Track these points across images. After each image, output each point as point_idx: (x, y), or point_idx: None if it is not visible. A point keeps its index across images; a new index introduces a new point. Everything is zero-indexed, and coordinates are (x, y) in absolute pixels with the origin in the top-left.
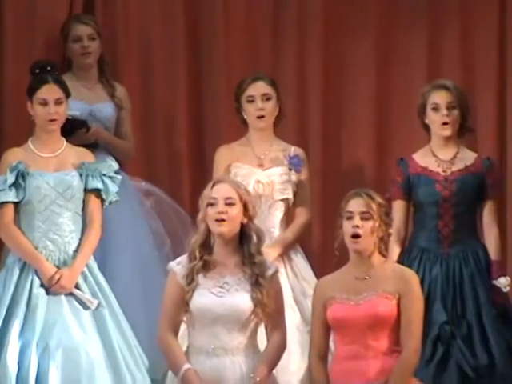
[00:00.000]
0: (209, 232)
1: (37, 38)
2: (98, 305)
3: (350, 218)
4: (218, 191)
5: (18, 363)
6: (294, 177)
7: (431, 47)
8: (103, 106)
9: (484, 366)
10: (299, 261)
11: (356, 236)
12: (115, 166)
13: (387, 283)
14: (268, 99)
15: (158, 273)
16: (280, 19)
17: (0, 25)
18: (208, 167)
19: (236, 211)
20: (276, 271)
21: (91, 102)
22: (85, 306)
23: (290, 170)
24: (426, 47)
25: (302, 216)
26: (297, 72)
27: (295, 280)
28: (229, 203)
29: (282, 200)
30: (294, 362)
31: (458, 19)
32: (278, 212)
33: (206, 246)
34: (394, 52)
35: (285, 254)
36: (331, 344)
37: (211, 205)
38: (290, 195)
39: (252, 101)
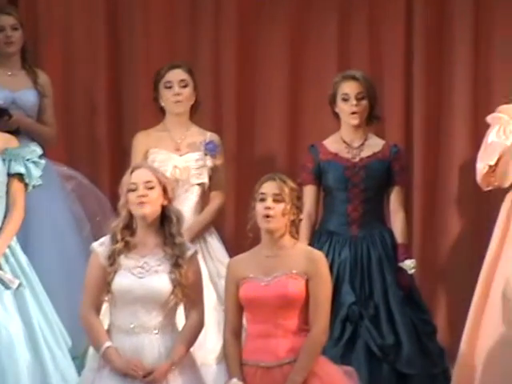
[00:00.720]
0: (131, 216)
1: None
2: (19, 285)
3: (262, 200)
4: (137, 176)
5: None
6: (209, 162)
7: (341, 39)
8: (26, 93)
9: (390, 345)
10: (214, 243)
11: (268, 216)
12: (39, 151)
13: (297, 264)
14: (185, 86)
15: (79, 254)
16: (197, 8)
17: None
18: (127, 153)
19: (156, 194)
20: (195, 252)
21: (14, 89)
22: (6, 286)
23: (206, 155)
24: (336, 39)
25: (216, 199)
26: (212, 60)
27: (210, 261)
28: (149, 187)
29: (198, 184)
30: (211, 340)
31: (366, 14)
32: (194, 195)
33: (129, 228)
34: (306, 43)
35: (200, 236)
36: (244, 322)
37: (132, 190)
38: (205, 180)
39: (170, 87)
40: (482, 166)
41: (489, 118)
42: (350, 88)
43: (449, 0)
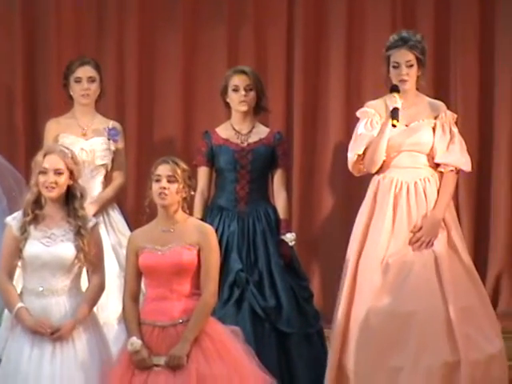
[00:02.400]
0: (40, 193)
1: None
2: None
3: (158, 181)
4: (49, 162)
5: None
6: (112, 146)
7: (230, 41)
8: None
9: (272, 307)
10: (116, 216)
11: (163, 194)
12: None
13: (189, 236)
14: (93, 81)
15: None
16: (103, 11)
17: None
18: (41, 138)
19: (63, 179)
20: (96, 224)
21: None
22: None
23: (109, 139)
24: (225, 40)
25: (118, 179)
26: (117, 57)
27: (112, 233)
28: (58, 173)
29: (102, 165)
30: (113, 303)
31: (252, 18)
32: (99, 175)
33: (38, 203)
34: (199, 43)
35: (104, 210)
36: (143, 287)
37: (43, 173)
38: (108, 161)
39: (79, 81)
40: (352, 155)
41: (358, 113)
42: (239, 80)
43: (326, 11)
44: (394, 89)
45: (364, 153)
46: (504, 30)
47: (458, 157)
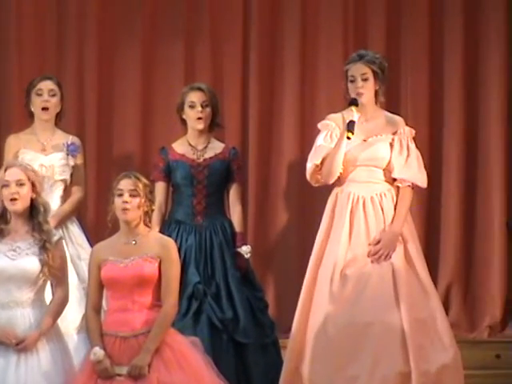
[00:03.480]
0: (5, 208)
1: None
2: None
3: (120, 195)
4: (10, 174)
5: None
6: (71, 161)
7: (187, 57)
8: None
9: (229, 318)
10: (75, 229)
11: (125, 209)
12: None
13: (150, 249)
14: (53, 95)
15: None
16: (63, 29)
17: None
18: (1, 154)
19: (26, 190)
20: (60, 238)
21: None
22: None
23: (68, 155)
24: (182, 57)
25: (77, 193)
26: (77, 74)
27: (71, 245)
28: (19, 184)
29: (61, 180)
30: (72, 313)
31: (208, 34)
32: (58, 190)
33: (3, 217)
34: (156, 60)
35: (63, 224)
36: (104, 299)
37: (5, 186)
38: (67, 176)
39: (40, 94)
40: (310, 165)
41: (319, 125)
42: (196, 97)
43: (280, 28)
44: (353, 102)
45: (322, 163)
46: (452, 46)
47: (415, 173)
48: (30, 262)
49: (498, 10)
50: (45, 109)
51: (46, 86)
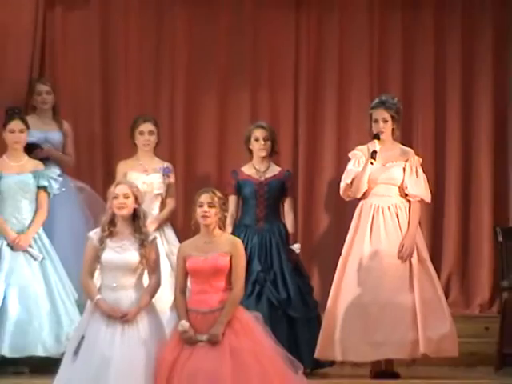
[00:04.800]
0: (114, 214)
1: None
2: (43, 258)
3: (201, 206)
4: (119, 189)
5: None
6: (166, 180)
7: (252, 101)
8: (54, 133)
9: (284, 298)
10: (169, 232)
11: (204, 216)
12: (57, 171)
13: (224, 246)
14: (152, 134)
15: (85, 239)
16: (158, 72)
17: None
18: (114, 175)
19: (130, 202)
20: (155, 238)
21: (47, 131)
22: (34, 258)
23: (163, 175)
24: (249, 101)
25: (170, 204)
26: (168, 111)
27: (166, 244)
28: (126, 197)
29: (159, 194)
30: (166, 295)
31: (267, 84)
32: (156, 202)
33: (112, 222)
34: (229, 103)
35: (160, 228)
36: (188, 284)
37: (115, 198)
38: (163, 191)
39: (142, 134)
40: (342, 185)
41: (350, 154)
42: (259, 133)
43: (322, 79)
44: (376, 137)
45: (351, 183)
46: (453, 89)
47: (423, 190)
48: (132, 256)
49: (488, 61)
50: (145, 145)
51: (147, 127)
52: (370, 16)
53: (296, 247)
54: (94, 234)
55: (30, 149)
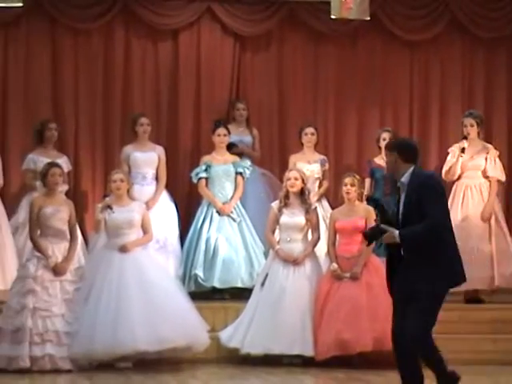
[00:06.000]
0: (288, 191)
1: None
2: (240, 220)
3: (345, 185)
4: (292, 174)
5: (206, 242)
6: (322, 168)
7: (359, 125)
8: (246, 137)
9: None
10: (325, 203)
11: (348, 193)
12: (249, 162)
13: (361, 213)
14: (313, 135)
15: (268, 208)
16: None
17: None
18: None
19: (299, 182)
20: (316, 207)
21: (241, 135)
22: (234, 220)
23: (321, 165)
24: (356, 126)
25: (325, 185)
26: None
27: (323, 211)
28: (296, 179)
29: (317, 178)
30: (323, 246)
31: (379, 104)
32: (316, 182)
33: (286, 196)
34: (349, 118)
35: (319, 200)
36: (337, 238)
37: (289, 179)
38: (320, 175)
39: (306, 134)
40: (444, 171)
41: (449, 150)
42: (386, 135)
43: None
44: (465, 137)
45: (449, 170)
46: None
47: (499, 173)
48: (300, 219)
49: None
50: (308, 142)
51: (310, 130)
52: (462, 54)
53: None
54: (275, 204)
55: (230, 147)
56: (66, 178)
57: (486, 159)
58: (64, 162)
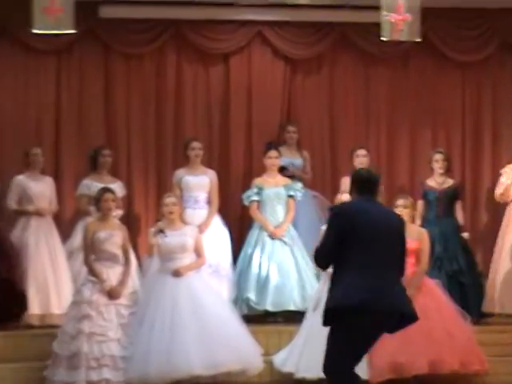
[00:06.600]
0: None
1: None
2: (292, 244)
3: (397, 207)
4: (344, 196)
5: (259, 266)
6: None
7: (435, 138)
8: (297, 160)
9: (456, 270)
10: None
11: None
12: (300, 185)
13: (413, 234)
14: (365, 157)
15: (318, 231)
16: None
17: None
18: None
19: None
20: None
21: (292, 157)
22: (285, 244)
23: None
24: (432, 138)
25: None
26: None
27: None
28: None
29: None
30: None
31: (431, 125)
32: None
33: None
34: (398, 137)
35: None
36: None
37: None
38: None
39: (357, 156)
40: (497, 192)
41: (501, 171)
42: (439, 156)
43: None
44: None
45: (503, 192)
46: None
47: None
48: None
49: None
50: (361, 164)
51: (361, 152)
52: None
53: (465, 235)
54: (325, 227)
55: (282, 170)
56: (121, 203)
57: None
58: (118, 187)
